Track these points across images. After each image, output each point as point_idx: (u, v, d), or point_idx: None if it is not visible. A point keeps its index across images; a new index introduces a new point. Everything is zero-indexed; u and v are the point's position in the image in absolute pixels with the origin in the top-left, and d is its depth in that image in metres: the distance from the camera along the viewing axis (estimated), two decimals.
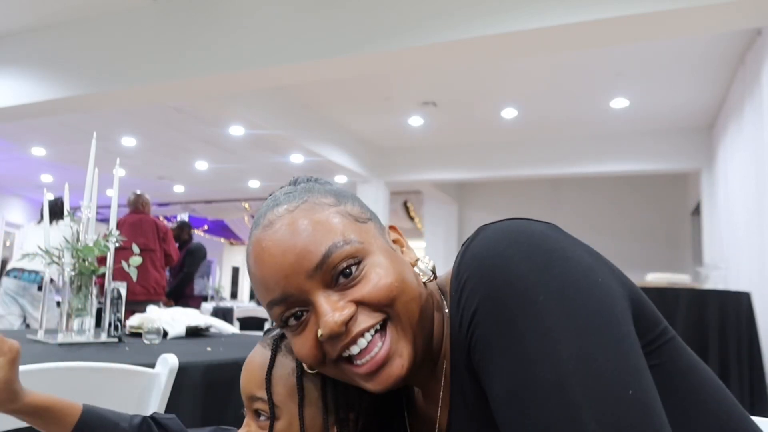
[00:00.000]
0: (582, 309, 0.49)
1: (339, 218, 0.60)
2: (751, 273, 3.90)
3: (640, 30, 3.13)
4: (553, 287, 0.49)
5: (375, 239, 0.62)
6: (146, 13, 4.18)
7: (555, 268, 0.51)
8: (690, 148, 6.32)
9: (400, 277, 0.59)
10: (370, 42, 3.52)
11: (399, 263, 0.61)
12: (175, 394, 1.03)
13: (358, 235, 0.60)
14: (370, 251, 0.60)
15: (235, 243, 15.50)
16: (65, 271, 1.58)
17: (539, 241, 0.53)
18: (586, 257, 0.54)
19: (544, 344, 0.47)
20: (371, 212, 0.66)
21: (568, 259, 0.52)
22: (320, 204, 0.61)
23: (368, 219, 0.63)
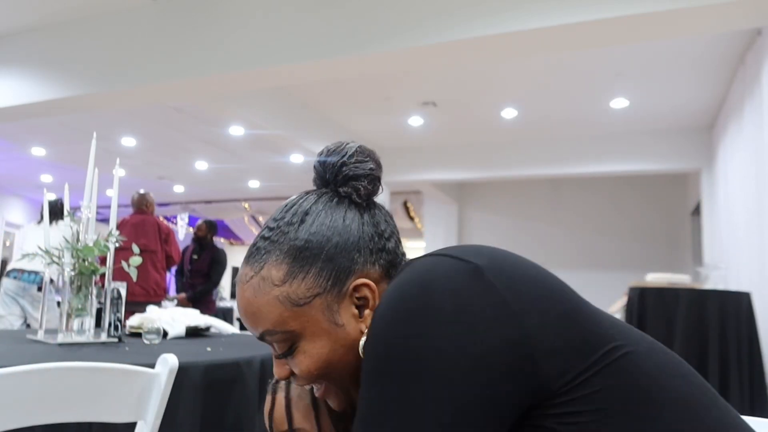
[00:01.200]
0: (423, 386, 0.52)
1: (277, 308, 0.64)
2: (751, 273, 3.90)
3: (640, 30, 3.13)
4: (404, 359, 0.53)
5: (311, 323, 0.64)
6: (146, 13, 4.18)
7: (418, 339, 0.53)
8: (690, 148, 6.31)
9: (325, 362, 0.64)
10: (370, 42, 3.52)
11: (330, 345, 0.64)
12: (175, 394, 1.03)
13: (292, 321, 0.64)
14: (302, 336, 0.65)
15: (235, 243, 15.49)
16: (65, 271, 1.58)
17: (418, 307, 0.55)
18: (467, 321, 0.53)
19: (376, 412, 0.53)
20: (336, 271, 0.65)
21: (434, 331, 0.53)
22: (268, 282, 0.65)
23: (314, 296, 0.64)
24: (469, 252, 0.59)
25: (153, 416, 0.98)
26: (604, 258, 7.98)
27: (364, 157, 0.71)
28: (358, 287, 0.65)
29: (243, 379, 1.36)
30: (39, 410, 0.87)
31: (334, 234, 0.66)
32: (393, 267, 0.68)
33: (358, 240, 0.66)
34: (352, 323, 0.65)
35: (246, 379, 1.36)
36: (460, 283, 0.55)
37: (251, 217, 12.80)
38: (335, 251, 0.65)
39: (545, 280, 0.60)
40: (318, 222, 0.67)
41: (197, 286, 5.28)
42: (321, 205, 0.69)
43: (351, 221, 0.67)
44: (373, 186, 0.71)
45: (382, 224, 0.70)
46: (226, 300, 9.21)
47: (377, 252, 0.67)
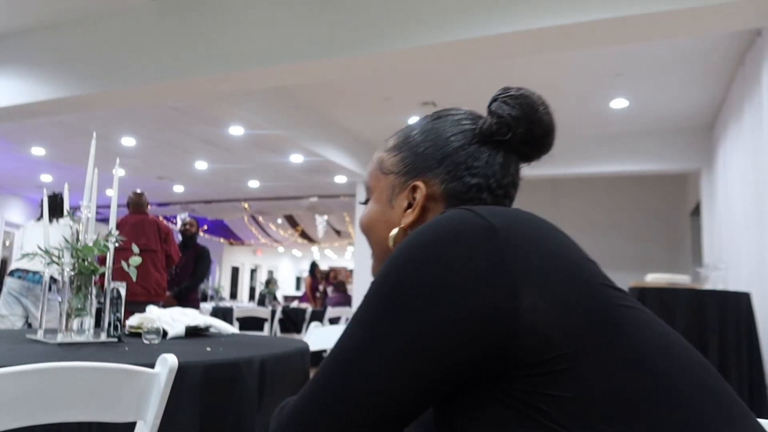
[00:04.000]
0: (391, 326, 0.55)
1: (374, 165, 0.81)
2: (750, 273, 3.89)
3: (640, 30, 3.13)
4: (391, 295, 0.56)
5: (381, 191, 0.78)
6: (146, 13, 4.18)
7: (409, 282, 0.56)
8: (690, 148, 6.32)
9: (368, 224, 0.79)
10: (370, 42, 3.52)
11: (377, 216, 0.77)
12: (175, 394, 1.03)
13: (374, 181, 0.80)
14: (372, 194, 0.80)
15: (235, 243, 15.49)
16: (65, 271, 1.58)
17: (424, 249, 0.57)
18: (457, 279, 0.54)
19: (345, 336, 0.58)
20: (412, 165, 0.75)
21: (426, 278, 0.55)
22: (384, 146, 0.82)
23: (391, 173, 0.77)
24: (497, 212, 0.61)
25: (152, 416, 0.98)
26: (604, 258, 7.92)
27: (515, 102, 0.73)
28: (416, 188, 0.73)
29: (242, 379, 1.36)
30: (38, 410, 0.87)
31: (434, 140, 0.75)
32: (456, 198, 0.72)
33: (445, 158, 0.73)
34: (398, 211, 0.75)
35: (245, 379, 1.36)
36: (468, 239, 0.57)
37: (251, 217, 12.80)
38: (423, 152, 0.75)
39: (565, 258, 0.59)
40: (437, 126, 0.77)
41: (183, 283, 5.30)
42: (456, 119, 0.76)
43: (455, 142, 0.74)
44: (498, 129, 0.72)
45: (481, 162, 0.72)
46: (225, 300, 9.22)
47: (453, 177, 0.72)
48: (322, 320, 6.55)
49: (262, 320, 6.04)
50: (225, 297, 9.80)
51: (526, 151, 0.76)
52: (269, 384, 1.44)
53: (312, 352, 1.92)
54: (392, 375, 0.54)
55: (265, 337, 3.69)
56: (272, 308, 6.88)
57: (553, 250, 0.59)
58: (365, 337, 0.56)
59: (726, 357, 3.02)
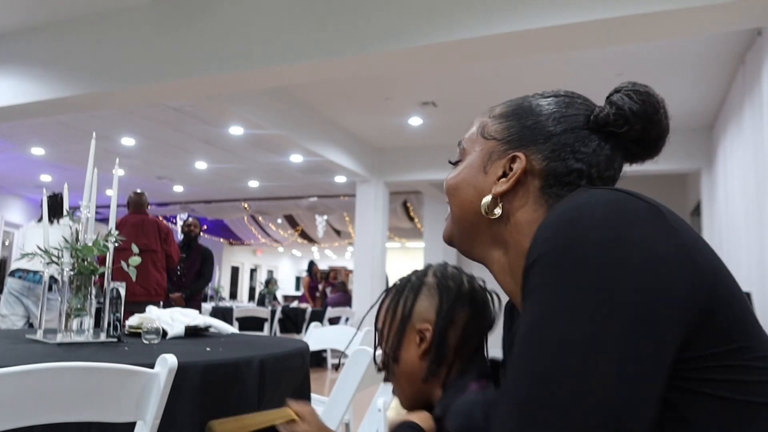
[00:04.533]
0: (616, 306, 0.52)
1: (475, 127, 0.79)
2: (751, 273, 3.90)
3: (640, 30, 3.13)
4: (604, 275, 0.53)
5: (477, 154, 0.76)
6: (146, 13, 4.18)
7: (619, 258, 0.53)
8: (690, 148, 6.31)
9: (456, 186, 0.77)
10: (370, 42, 3.52)
11: (467, 179, 0.76)
12: (174, 395, 1.03)
13: (471, 143, 0.78)
14: (467, 156, 0.78)
15: (235, 243, 15.49)
16: (64, 271, 1.58)
17: (620, 226, 0.55)
18: (661, 253, 0.54)
19: (564, 321, 0.53)
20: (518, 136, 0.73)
21: (636, 254, 0.53)
22: (490, 112, 0.78)
23: (493, 138, 0.75)
24: (644, 196, 0.60)
25: (152, 416, 0.98)
26: None
27: (640, 97, 0.72)
28: (515, 158, 0.71)
29: (242, 379, 1.36)
30: (38, 410, 0.87)
31: (547, 116, 0.72)
32: (555, 177, 0.70)
33: (553, 135, 0.71)
34: (491, 178, 0.73)
35: (245, 379, 1.36)
36: (649, 217, 0.57)
37: (251, 217, 12.80)
38: (531, 125, 0.72)
39: (709, 247, 0.61)
40: (551, 103, 0.74)
41: (189, 284, 5.31)
42: (570, 101, 0.74)
43: (566, 122, 0.71)
44: (615, 121, 0.70)
45: (589, 148, 0.70)
46: (225, 300, 9.21)
47: (558, 157, 0.70)
48: (322, 320, 6.55)
49: (262, 320, 6.04)
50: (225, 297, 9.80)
51: (634, 150, 0.74)
52: (269, 384, 1.43)
53: (312, 352, 1.92)
54: (634, 356, 0.51)
55: (264, 337, 3.69)
56: (272, 308, 6.88)
57: (696, 234, 0.60)
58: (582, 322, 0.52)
59: None
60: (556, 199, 0.69)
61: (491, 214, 0.71)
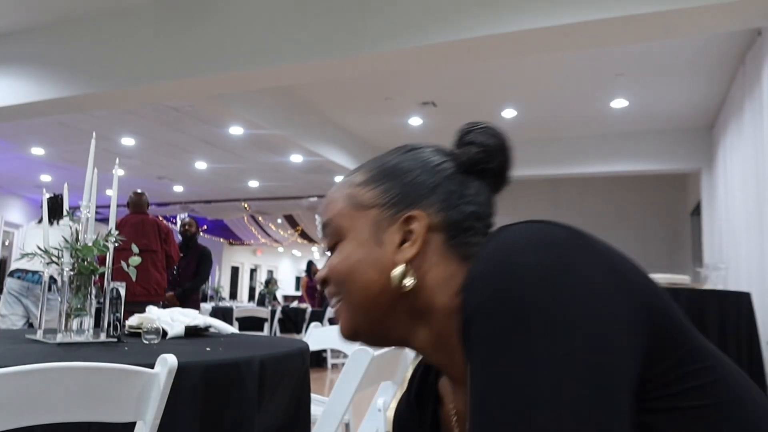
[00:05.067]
0: (572, 343, 0.48)
1: (342, 203, 0.71)
2: (751, 273, 3.89)
3: (640, 30, 3.13)
4: (551, 313, 0.49)
5: (360, 229, 0.69)
6: (146, 13, 4.18)
7: (561, 292, 0.50)
8: (690, 148, 6.32)
9: (348, 269, 0.68)
10: (370, 42, 3.52)
11: (361, 259, 0.67)
12: (174, 395, 1.03)
13: (346, 220, 0.70)
14: (346, 237, 0.69)
15: (235, 243, 15.49)
16: (64, 271, 1.58)
17: (554, 258, 0.52)
18: (599, 280, 0.51)
19: (522, 371, 0.48)
20: (401, 196, 0.68)
21: (577, 283, 0.51)
22: (350, 183, 0.72)
23: (373, 207, 0.69)
24: (561, 222, 0.59)
25: (152, 416, 0.98)
26: None
27: (492, 133, 0.72)
28: (411, 219, 0.67)
29: (242, 379, 1.36)
30: (37, 410, 0.87)
31: (421, 169, 0.70)
32: (455, 227, 0.67)
33: (437, 186, 0.68)
34: (389, 248, 0.67)
35: (245, 379, 1.36)
36: (575, 243, 0.55)
37: (251, 217, 12.80)
38: (411, 180, 0.69)
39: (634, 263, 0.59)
40: (416, 156, 0.71)
41: (185, 284, 5.31)
42: (432, 149, 0.72)
43: (441, 170, 0.69)
44: (482, 159, 0.70)
45: (472, 190, 0.69)
46: (225, 300, 9.21)
47: (449, 206, 0.68)
48: (322, 320, 6.55)
49: (262, 320, 6.05)
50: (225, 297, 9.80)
51: (496, 184, 0.73)
52: (269, 384, 1.43)
53: (312, 352, 1.92)
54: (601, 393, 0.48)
55: (264, 337, 3.69)
56: (272, 308, 6.88)
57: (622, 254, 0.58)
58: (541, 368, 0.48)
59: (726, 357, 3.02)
60: (464, 247, 0.67)
61: (404, 287, 0.65)
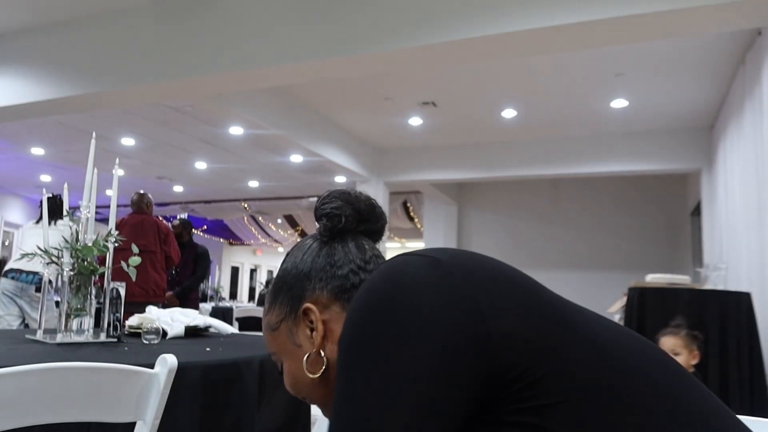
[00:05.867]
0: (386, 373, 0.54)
1: (267, 335, 0.79)
2: (751, 273, 3.89)
3: (640, 30, 3.13)
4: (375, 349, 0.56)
5: (283, 345, 0.76)
6: (146, 13, 4.18)
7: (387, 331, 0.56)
8: (690, 148, 6.32)
9: (294, 379, 0.75)
10: (370, 42, 3.52)
11: (295, 370, 0.75)
12: (174, 395, 1.03)
13: (274, 345, 0.78)
14: (282, 357, 0.77)
15: (235, 243, 15.49)
16: (64, 271, 1.58)
17: (393, 292, 0.58)
18: (426, 312, 0.56)
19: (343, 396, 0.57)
20: (290, 301, 0.76)
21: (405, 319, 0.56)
22: (264, 316, 0.80)
23: (280, 322, 0.76)
24: (431, 250, 0.64)
25: (152, 416, 0.98)
26: (604, 258, 7.98)
27: (330, 198, 0.79)
28: (307, 311, 0.74)
29: (242, 379, 1.36)
30: (38, 410, 0.87)
31: (293, 268, 0.77)
32: (343, 291, 0.74)
33: (310, 271, 0.76)
34: (306, 343, 0.74)
35: (245, 379, 1.36)
36: (421, 273, 0.59)
37: (251, 217, 12.80)
38: (292, 282, 0.76)
39: (508, 279, 0.62)
40: (290, 259, 0.79)
41: (183, 283, 5.31)
42: (301, 245, 0.80)
43: (308, 255, 0.77)
44: (333, 222, 0.77)
45: (338, 254, 0.76)
46: (225, 300, 9.21)
47: (326, 279, 0.75)
48: None
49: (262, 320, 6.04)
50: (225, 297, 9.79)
51: (366, 230, 0.80)
52: (269, 384, 1.43)
53: None
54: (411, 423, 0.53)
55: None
56: None
57: (495, 267, 0.62)
58: (362, 399, 0.55)
59: (726, 357, 3.02)
60: None
61: (321, 373, 0.72)
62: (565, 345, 0.56)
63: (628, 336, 0.62)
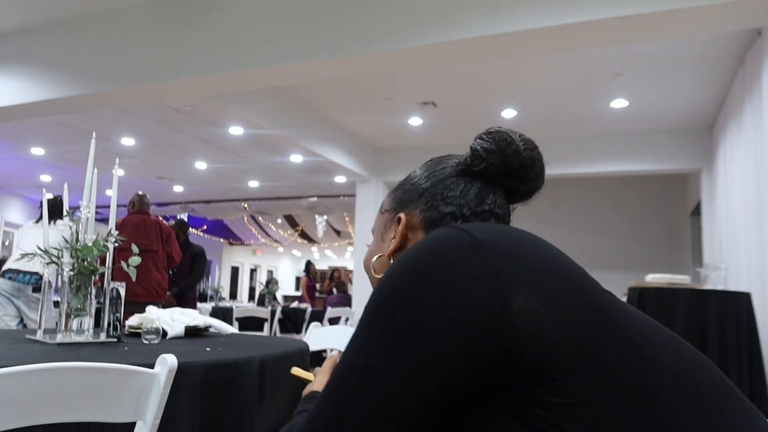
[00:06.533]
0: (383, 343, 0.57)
1: (380, 208, 0.89)
2: (751, 273, 3.89)
3: (640, 30, 3.13)
4: (395, 308, 0.58)
5: (378, 229, 0.87)
6: (146, 13, 4.18)
7: (400, 299, 0.58)
8: (690, 148, 6.32)
9: (367, 261, 0.85)
10: (370, 42, 3.52)
11: (372, 252, 0.85)
12: (174, 395, 1.03)
13: (375, 223, 0.88)
14: (373, 236, 0.88)
15: (235, 243, 15.49)
16: (64, 271, 1.58)
17: (412, 267, 0.60)
18: (458, 288, 0.56)
19: (347, 353, 0.60)
20: (399, 201, 0.84)
21: (429, 287, 0.57)
22: (386, 197, 0.88)
23: (386, 210, 0.86)
24: (482, 227, 0.64)
25: (152, 416, 0.98)
26: (604, 258, 7.98)
27: (490, 137, 0.80)
28: (399, 220, 0.81)
29: (242, 379, 1.36)
30: (38, 410, 0.87)
31: (419, 177, 0.84)
32: (432, 224, 0.78)
33: (425, 190, 0.81)
34: (387, 243, 0.82)
35: (245, 379, 1.36)
36: (456, 251, 0.59)
37: (250, 217, 12.80)
38: (409, 187, 0.83)
39: (555, 262, 0.62)
40: (426, 168, 0.85)
41: (181, 283, 5.32)
42: (442, 162, 0.84)
43: (435, 176, 0.82)
44: (472, 161, 0.80)
45: (455, 191, 0.79)
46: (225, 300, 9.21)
47: (429, 206, 0.79)
48: (322, 320, 6.55)
49: (262, 320, 6.04)
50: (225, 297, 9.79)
51: (508, 184, 0.80)
52: (269, 384, 1.43)
53: (312, 352, 1.92)
54: (400, 389, 0.55)
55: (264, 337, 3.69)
56: (272, 308, 6.88)
57: (542, 255, 0.62)
58: (370, 351, 0.58)
59: (726, 357, 3.02)
60: None
61: (374, 276, 0.81)
62: (595, 345, 0.55)
63: (680, 348, 0.60)
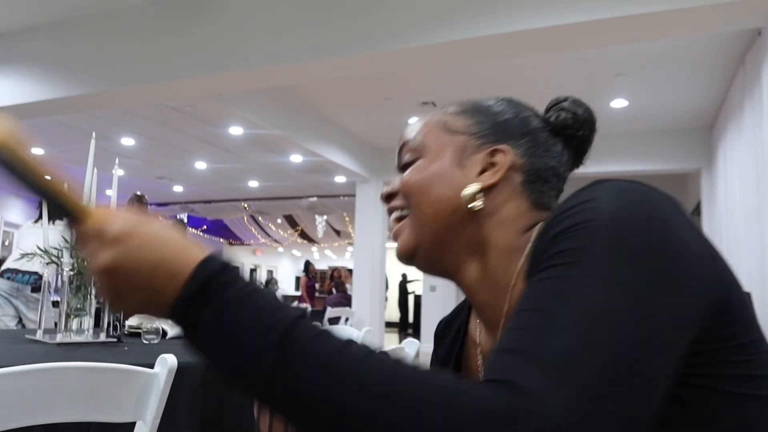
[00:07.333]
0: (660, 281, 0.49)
1: (432, 124, 0.75)
2: (751, 273, 3.89)
3: (640, 30, 3.13)
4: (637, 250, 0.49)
5: (444, 150, 0.71)
6: (146, 13, 4.18)
7: (653, 233, 0.51)
8: (690, 148, 6.31)
9: (425, 183, 0.70)
10: (370, 42, 3.52)
11: (440, 174, 0.70)
12: (174, 394, 1.03)
13: (432, 139, 0.73)
14: (427, 154, 0.72)
15: (235, 243, 15.48)
16: (64, 271, 1.58)
17: (651, 204, 0.53)
18: (691, 245, 0.53)
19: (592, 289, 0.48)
20: (491, 130, 0.71)
21: (671, 232, 0.52)
22: (443, 112, 0.76)
23: (463, 134, 0.72)
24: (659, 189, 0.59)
25: (152, 416, 0.98)
26: None
27: (581, 104, 0.77)
28: (497, 152, 0.70)
29: None
30: (38, 410, 0.87)
31: (515, 114, 0.73)
32: (535, 173, 0.70)
33: (528, 133, 0.72)
34: (470, 173, 0.70)
35: None
36: (678, 211, 0.55)
37: (250, 217, 12.79)
38: (504, 120, 0.72)
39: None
40: (511, 104, 0.75)
41: None
42: (527, 107, 0.76)
43: (534, 122, 0.73)
44: (573, 123, 0.74)
45: (556, 148, 0.73)
46: None
47: (533, 153, 0.71)
48: (322, 320, 6.55)
49: None
50: None
51: (577, 156, 0.77)
52: None
53: None
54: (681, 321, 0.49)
55: None
56: None
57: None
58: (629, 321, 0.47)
59: None
60: (538, 195, 0.70)
61: (474, 208, 0.67)
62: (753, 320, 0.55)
63: None
